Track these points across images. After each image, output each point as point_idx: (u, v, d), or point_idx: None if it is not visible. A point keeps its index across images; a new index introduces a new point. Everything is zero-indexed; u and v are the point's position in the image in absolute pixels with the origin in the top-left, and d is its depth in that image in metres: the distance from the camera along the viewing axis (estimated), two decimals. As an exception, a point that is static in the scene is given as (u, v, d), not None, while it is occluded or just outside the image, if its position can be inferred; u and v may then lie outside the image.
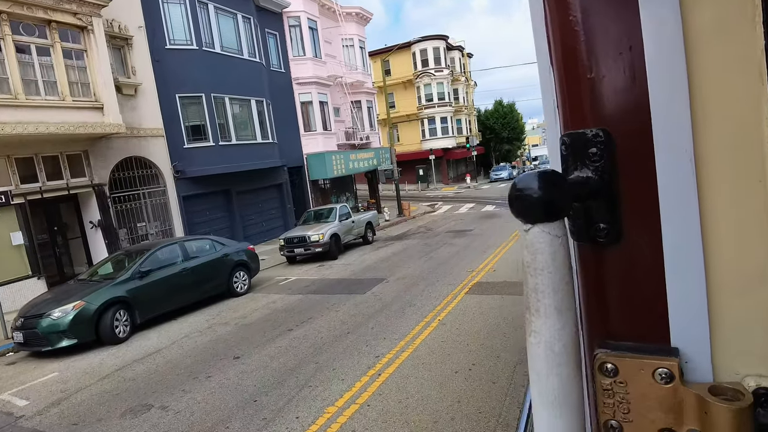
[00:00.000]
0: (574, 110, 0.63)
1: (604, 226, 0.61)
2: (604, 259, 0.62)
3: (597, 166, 0.60)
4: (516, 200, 0.57)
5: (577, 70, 0.61)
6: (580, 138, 0.61)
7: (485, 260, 10.85)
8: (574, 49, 0.61)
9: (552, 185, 0.55)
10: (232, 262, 9.82)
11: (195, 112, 14.84)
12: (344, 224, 14.35)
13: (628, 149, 0.59)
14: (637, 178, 0.59)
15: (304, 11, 20.02)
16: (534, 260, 0.56)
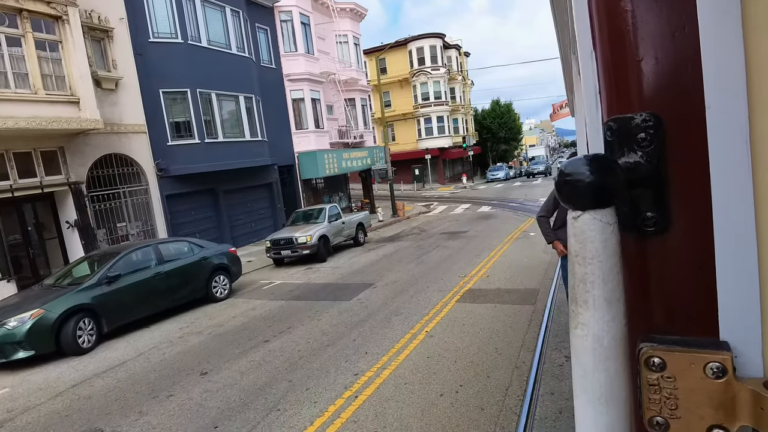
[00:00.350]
0: (621, 94, 0.61)
1: (651, 215, 0.60)
2: (651, 249, 0.61)
3: (646, 152, 0.59)
4: (564, 186, 0.56)
5: (626, 52, 0.60)
6: (628, 123, 0.60)
7: (478, 265, 10.37)
8: (623, 30, 0.60)
9: (604, 170, 0.55)
10: (211, 266, 9.29)
11: (180, 108, 14.29)
12: (334, 225, 13.84)
13: (679, 135, 0.58)
14: (688, 164, 0.57)
15: (296, 6, 19.48)
16: (583, 249, 0.55)
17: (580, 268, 0.55)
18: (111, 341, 7.44)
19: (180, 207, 14.62)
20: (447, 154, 40.12)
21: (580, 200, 0.54)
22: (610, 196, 0.54)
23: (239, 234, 16.89)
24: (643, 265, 0.61)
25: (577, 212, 0.55)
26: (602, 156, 0.57)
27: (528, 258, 10.52)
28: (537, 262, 9.97)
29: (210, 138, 14.83)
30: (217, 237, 16.06)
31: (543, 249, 11.42)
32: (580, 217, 0.55)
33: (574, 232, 0.55)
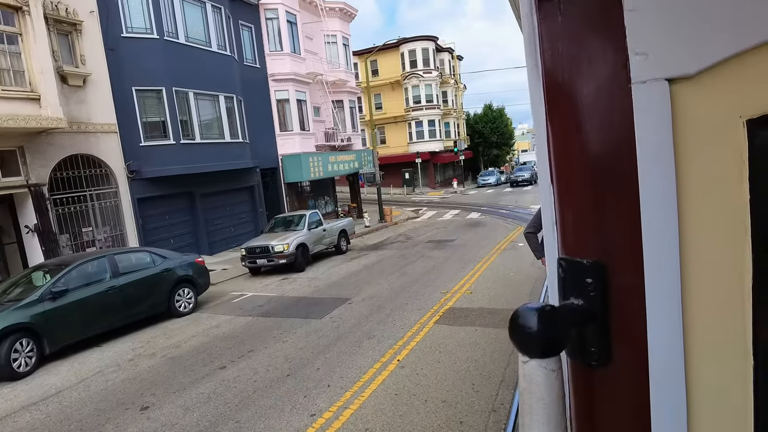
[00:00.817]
0: (573, 236, 0.69)
1: (594, 351, 0.66)
2: (594, 379, 0.67)
3: (591, 297, 0.66)
4: (516, 333, 0.62)
5: (577, 199, 0.66)
6: (577, 266, 0.67)
7: (463, 278, 9.81)
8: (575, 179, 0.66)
9: (551, 323, 0.61)
10: (174, 278, 8.62)
11: (154, 107, 13.60)
12: (314, 233, 13.21)
13: (620, 282, 0.64)
14: (628, 311, 0.64)
15: (282, 4, 18.85)
16: (530, 389, 0.62)
17: (528, 405, 0.62)
18: (54, 363, 6.75)
19: (153, 211, 13.91)
20: (438, 158, 39.65)
21: (529, 350, 0.61)
22: (556, 349, 0.61)
23: (218, 239, 16.20)
24: (589, 392, 0.68)
25: (526, 358, 0.61)
26: (551, 310, 0.62)
27: (514, 272, 9.98)
28: (523, 277, 9.43)
29: (186, 139, 14.14)
30: (192, 242, 15.38)
31: (530, 262, 10.89)
32: (528, 362, 0.61)
33: (523, 373, 0.62)
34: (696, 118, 0.59)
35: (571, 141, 0.65)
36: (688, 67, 0.58)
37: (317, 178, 20.24)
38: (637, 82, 0.60)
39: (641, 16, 0.59)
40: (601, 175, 0.63)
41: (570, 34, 0.65)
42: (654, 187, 0.60)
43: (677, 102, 0.59)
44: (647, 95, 0.60)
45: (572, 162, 0.65)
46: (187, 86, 14.17)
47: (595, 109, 0.64)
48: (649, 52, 0.59)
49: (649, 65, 0.59)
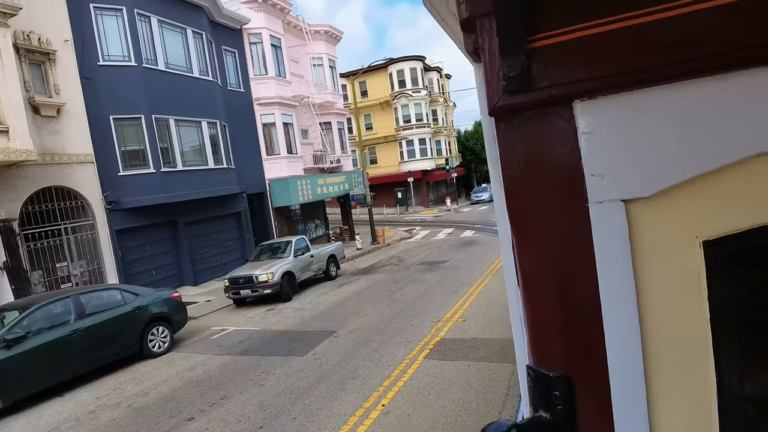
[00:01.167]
0: (541, 348, 0.69)
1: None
2: None
3: (559, 410, 0.66)
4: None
5: (545, 315, 0.68)
6: (543, 378, 0.68)
7: (455, 304, 9.31)
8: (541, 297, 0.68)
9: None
10: (148, 317, 8.07)
11: (133, 136, 13.21)
12: (301, 260, 12.70)
13: (587, 397, 0.65)
14: (594, 422, 0.64)
15: (266, 28, 18.75)
16: None
17: None
18: (6, 420, 6.14)
19: (133, 242, 13.38)
20: (430, 176, 39.45)
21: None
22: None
23: (203, 269, 15.64)
24: None
25: None
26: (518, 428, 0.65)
27: (510, 295, 9.50)
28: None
29: (167, 166, 13.72)
30: (176, 273, 14.82)
31: (526, 283, 10.44)
32: None
33: None
34: (653, 237, 0.61)
35: (533, 253, 0.66)
36: (644, 190, 0.61)
37: (306, 201, 19.82)
38: (594, 201, 0.62)
39: (596, 138, 0.62)
40: (564, 289, 0.64)
41: (527, 152, 0.65)
42: (615, 301, 0.61)
43: (634, 221, 0.61)
44: (604, 214, 0.62)
45: (538, 280, 0.66)
46: (167, 113, 13.83)
47: (554, 225, 0.65)
48: (605, 174, 0.62)
49: (606, 187, 0.62)
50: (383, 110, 39.01)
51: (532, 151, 0.66)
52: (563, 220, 0.64)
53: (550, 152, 0.65)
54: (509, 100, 0.65)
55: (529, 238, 0.67)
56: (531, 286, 0.68)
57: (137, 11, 13.15)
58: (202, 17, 15.67)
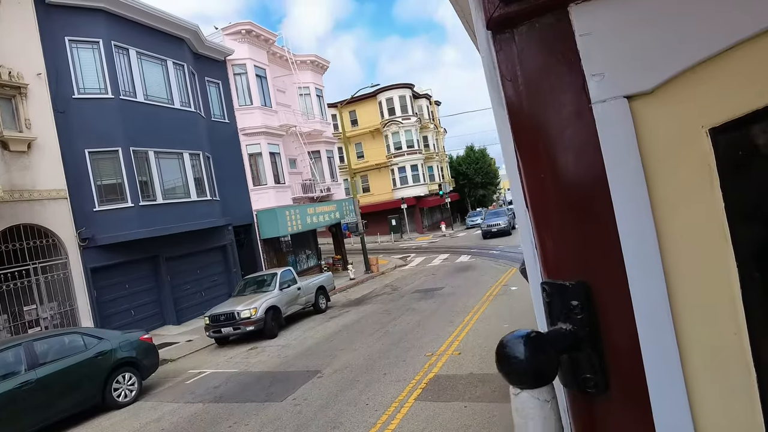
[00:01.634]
0: (554, 260, 0.67)
1: (590, 377, 0.64)
2: (593, 408, 0.64)
3: (578, 320, 0.64)
4: (504, 363, 0.60)
5: (553, 222, 0.66)
6: (560, 289, 0.66)
7: (451, 335, 8.62)
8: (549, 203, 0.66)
9: (539, 351, 0.59)
10: (112, 362, 7.32)
11: (109, 169, 12.72)
12: (287, 293, 12.00)
13: (607, 302, 0.63)
14: (617, 331, 0.62)
15: (250, 59, 18.65)
16: (525, 425, 0.59)
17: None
18: (-64, 493, 5.33)
19: (109, 281, 12.66)
20: (424, 202, 39.08)
21: (519, 380, 0.59)
22: (547, 377, 0.59)
23: (186, 306, 14.85)
24: (589, 422, 0.64)
25: (517, 390, 0.60)
26: (537, 336, 0.61)
27: (509, 323, 8.83)
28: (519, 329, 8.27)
29: (146, 200, 13.17)
30: (157, 312, 14.04)
31: (527, 308, 9.79)
32: (520, 394, 0.59)
33: (516, 407, 0.60)
34: (659, 131, 0.61)
35: (540, 166, 0.66)
36: (645, 84, 0.61)
37: (295, 231, 19.22)
38: (597, 101, 0.62)
39: (593, 39, 0.62)
40: (575, 196, 0.64)
41: (527, 63, 0.67)
42: (627, 201, 0.61)
43: (639, 118, 0.61)
44: (608, 113, 0.62)
45: (545, 186, 0.66)
46: (146, 145, 13.40)
47: (560, 133, 0.65)
48: (606, 72, 0.62)
49: (607, 85, 0.62)
50: (374, 138, 39.01)
51: (531, 61, 0.67)
52: (567, 126, 0.64)
53: (549, 59, 0.66)
54: (505, 9, 0.66)
55: (535, 149, 0.67)
56: (540, 200, 0.67)
57: (114, 43, 12.91)
58: (184, 49, 15.49)
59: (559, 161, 0.65)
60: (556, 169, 0.65)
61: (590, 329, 0.63)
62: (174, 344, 11.88)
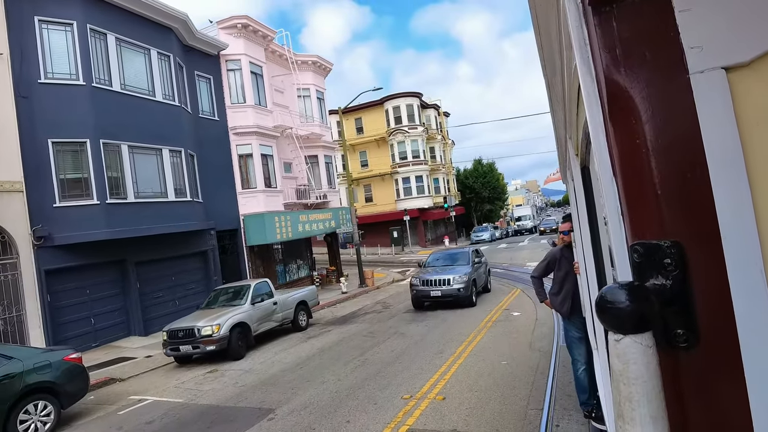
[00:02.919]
0: (645, 222, 0.69)
1: (681, 332, 0.65)
2: (684, 363, 0.66)
3: (672, 276, 0.66)
4: (606, 311, 0.63)
5: (646, 186, 0.68)
6: (654, 249, 0.67)
7: (437, 370, 7.23)
8: (643, 169, 0.68)
9: (641, 298, 0.62)
10: (19, 388, 6.03)
11: (75, 162, 11.59)
12: (260, 308, 10.68)
13: (699, 260, 0.65)
14: (710, 287, 0.64)
15: (245, 54, 17.62)
16: (627, 369, 0.61)
17: (625, 387, 0.61)
18: None
19: (67, 285, 11.45)
20: (428, 215, 37.71)
21: (622, 325, 0.61)
22: (649, 322, 0.61)
23: (156, 316, 13.57)
24: (678, 378, 0.66)
25: (619, 335, 0.61)
26: (638, 285, 0.64)
27: (509, 360, 7.42)
28: (521, 369, 6.86)
29: (115, 198, 12.00)
30: (122, 321, 12.79)
31: (530, 341, 8.38)
32: (622, 340, 0.61)
33: (617, 353, 0.62)
34: (755, 101, 0.63)
35: (636, 134, 0.68)
36: (742, 56, 0.63)
37: (285, 239, 17.96)
38: (695, 72, 0.64)
39: (693, 14, 0.64)
40: (671, 161, 0.66)
41: (626, 36, 0.69)
42: (722, 167, 0.62)
43: (735, 88, 0.63)
44: (705, 84, 0.64)
45: (639, 153, 0.68)
46: (119, 138, 12.27)
47: (657, 101, 0.67)
48: (704, 45, 0.64)
49: (705, 56, 0.64)
50: (379, 147, 37.92)
51: (630, 34, 0.69)
52: (665, 95, 0.67)
53: (649, 33, 0.68)
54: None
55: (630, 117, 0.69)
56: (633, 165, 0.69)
57: (90, 27, 11.88)
58: (171, 39, 14.47)
59: (655, 127, 0.67)
60: (652, 134, 0.67)
61: (684, 285, 0.65)
62: (131, 360, 10.58)
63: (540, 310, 11.18)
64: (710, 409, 0.64)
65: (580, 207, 2.84)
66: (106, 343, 12.14)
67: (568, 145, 2.72)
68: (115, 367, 9.91)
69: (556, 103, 2.38)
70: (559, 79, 1.79)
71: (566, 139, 2.73)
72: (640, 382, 0.60)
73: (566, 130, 2.51)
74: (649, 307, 0.62)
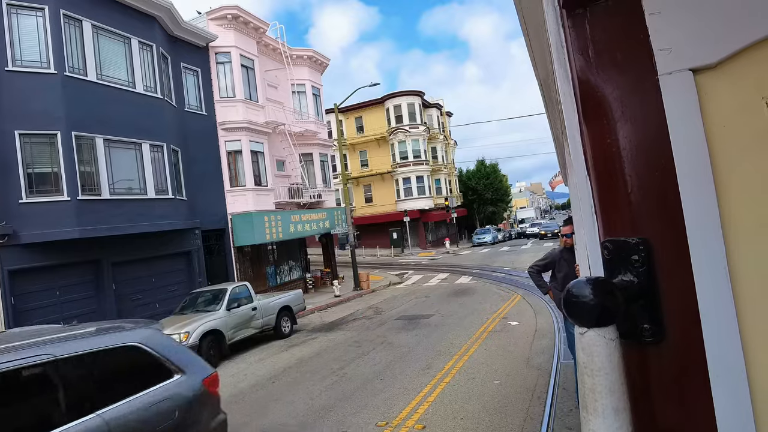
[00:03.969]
0: (615, 220, 0.71)
1: (647, 327, 0.67)
2: (649, 357, 0.67)
3: (639, 272, 0.68)
4: (571, 305, 0.64)
5: (617, 185, 0.70)
6: (622, 245, 0.69)
7: (422, 390, 6.42)
8: (614, 168, 0.70)
9: (605, 293, 0.63)
10: None
11: (45, 156, 10.88)
12: (237, 314, 9.91)
13: (666, 257, 0.66)
14: (676, 283, 0.66)
15: (236, 47, 16.89)
16: (591, 362, 0.62)
17: (589, 378, 0.61)
18: None
19: (34, 286, 10.74)
20: (428, 216, 36.87)
21: (585, 319, 0.62)
22: (612, 316, 0.62)
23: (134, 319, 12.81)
24: (644, 371, 0.67)
25: (584, 329, 0.62)
26: (603, 280, 0.65)
27: (502, 378, 6.59)
28: (515, 391, 6.04)
29: (88, 194, 11.27)
30: (95, 325, 12.03)
31: (528, 356, 7.55)
32: (586, 333, 0.62)
33: (582, 346, 0.62)
34: (721, 102, 0.64)
35: (607, 134, 0.69)
36: (710, 58, 0.64)
37: (275, 240, 17.21)
38: (664, 73, 0.66)
39: (662, 17, 0.66)
40: (639, 159, 0.67)
41: (598, 38, 0.71)
42: (689, 165, 0.64)
43: (703, 89, 0.65)
44: (674, 85, 0.65)
45: (610, 151, 0.69)
46: (94, 131, 11.55)
47: (627, 102, 0.68)
48: (672, 47, 0.66)
49: (673, 58, 0.66)
50: (380, 146, 37.15)
51: (602, 36, 0.70)
52: (635, 95, 0.68)
53: (620, 35, 0.68)
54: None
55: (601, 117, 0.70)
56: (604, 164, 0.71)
57: (64, 12, 11.17)
58: (154, 28, 13.75)
59: (625, 127, 0.68)
60: (622, 134, 0.68)
61: (650, 281, 0.66)
62: (98, 368, 9.82)
63: (540, 319, 10.35)
64: (676, 403, 0.65)
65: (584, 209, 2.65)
66: (76, 348, 11.40)
67: (566, 146, 2.68)
68: (77, 377, 9.16)
69: (550, 105, 2.24)
70: (552, 81, 1.74)
71: (563, 140, 2.65)
72: (603, 373, 0.60)
73: (563, 132, 2.50)
74: (613, 301, 0.62)
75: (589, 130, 0.72)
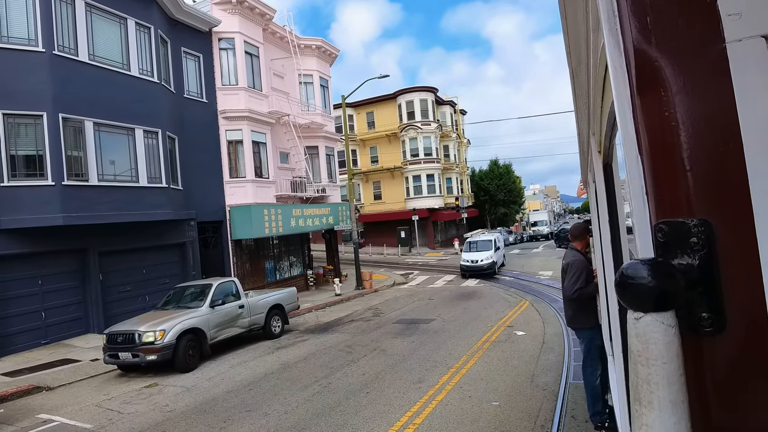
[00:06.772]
0: (672, 200, 0.65)
1: (707, 316, 0.61)
2: (708, 349, 0.62)
3: (699, 256, 0.62)
4: (627, 288, 0.59)
5: (674, 162, 0.64)
6: (679, 227, 0.63)
7: (408, 411, 5.66)
8: (672, 143, 0.64)
9: (665, 275, 0.58)
10: None
11: (29, 138, 10.36)
12: (221, 312, 9.26)
13: (729, 239, 0.60)
14: (740, 269, 0.60)
15: (240, 33, 16.28)
16: (647, 350, 0.57)
17: (644, 368, 0.57)
18: None
19: (13, 274, 10.25)
20: (438, 215, 35.97)
21: (642, 302, 0.57)
22: (672, 300, 0.57)
23: (122, 311, 12.27)
24: (703, 364, 0.61)
25: (639, 314, 0.57)
26: (662, 261, 0.60)
27: (502, 399, 5.80)
28: (516, 416, 5.25)
29: (74, 179, 10.74)
30: (80, 317, 11.56)
31: (533, 372, 6.75)
32: (642, 318, 0.57)
33: (636, 333, 0.58)
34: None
35: (665, 107, 0.65)
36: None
37: (274, 234, 16.58)
38: (732, 41, 0.61)
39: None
40: (701, 136, 0.62)
41: (658, 5, 0.66)
42: (758, 141, 0.59)
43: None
44: (743, 53, 0.61)
45: (668, 127, 0.65)
46: (83, 114, 11.01)
47: (690, 72, 0.64)
48: (743, 12, 0.61)
49: (743, 24, 0.61)
50: (390, 143, 36.35)
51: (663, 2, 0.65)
52: (698, 65, 0.63)
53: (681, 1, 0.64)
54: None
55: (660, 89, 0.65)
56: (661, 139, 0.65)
57: (55, -12, 10.64)
58: (153, 10, 13.17)
59: (686, 100, 0.64)
60: (682, 107, 0.64)
61: (711, 266, 0.61)
62: (75, 363, 9.29)
63: (549, 330, 9.52)
64: (734, 403, 0.61)
65: (602, 210, 2.52)
66: (58, 340, 10.90)
67: (591, 142, 2.53)
68: (49, 372, 8.62)
69: (579, 97, 2.18)
70: (584, 68, 1.65)
71: (589, 135, 2.52)
72: (660, 363, 0.56)
73: (589, 126, 2.34)
74: (673, 284, 0.58)
75: (644, 104, 0.67)
